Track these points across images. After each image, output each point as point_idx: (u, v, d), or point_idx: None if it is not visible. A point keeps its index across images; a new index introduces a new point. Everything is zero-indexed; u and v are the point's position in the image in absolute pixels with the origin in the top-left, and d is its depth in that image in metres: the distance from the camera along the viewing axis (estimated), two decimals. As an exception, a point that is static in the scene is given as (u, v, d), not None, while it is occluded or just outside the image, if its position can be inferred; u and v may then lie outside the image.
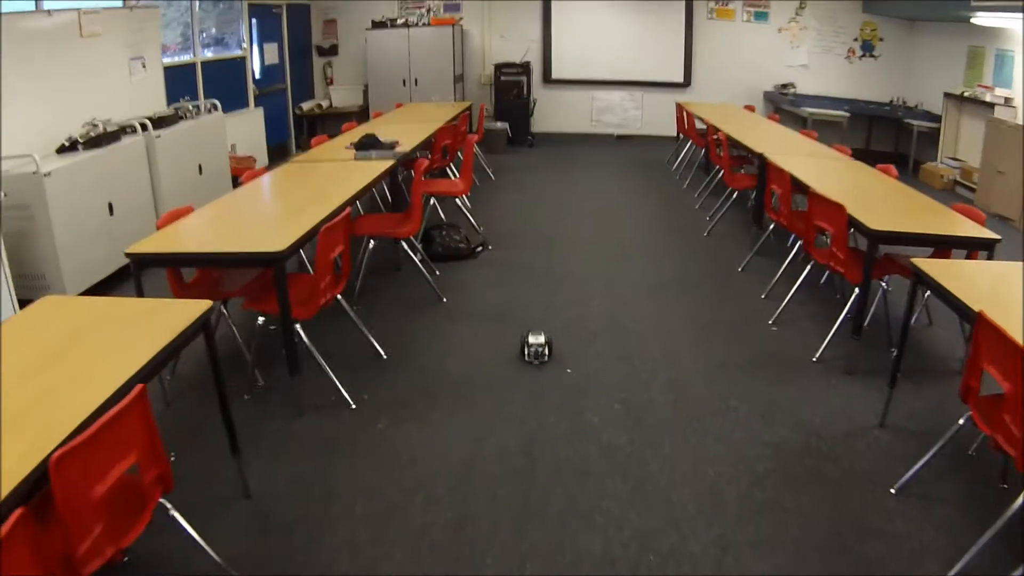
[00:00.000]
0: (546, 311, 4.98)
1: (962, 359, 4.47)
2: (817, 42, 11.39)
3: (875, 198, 4.76)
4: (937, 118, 9.63)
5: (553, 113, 12.10)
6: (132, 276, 3.61)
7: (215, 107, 7.78)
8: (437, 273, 5.81)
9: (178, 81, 8.02)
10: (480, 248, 6.32)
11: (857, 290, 4.31)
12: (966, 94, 8.93)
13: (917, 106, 10.41)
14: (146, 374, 2.36)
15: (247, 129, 9.45)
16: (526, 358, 4.41)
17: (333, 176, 5.17)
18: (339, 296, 4.16)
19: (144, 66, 7.19)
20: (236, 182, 5.89)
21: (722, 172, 7.18)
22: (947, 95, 9.30)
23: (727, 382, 4.20)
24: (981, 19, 8.06)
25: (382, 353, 4.47)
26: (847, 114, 10.23)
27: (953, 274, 3.35)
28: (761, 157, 6.12)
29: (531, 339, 4.42)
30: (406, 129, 7.13)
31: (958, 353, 4.55)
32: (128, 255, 3.61)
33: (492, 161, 9.85)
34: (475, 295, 5.41)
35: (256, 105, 10.02)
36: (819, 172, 5.41)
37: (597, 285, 5.59)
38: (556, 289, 5.52)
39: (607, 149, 11.48)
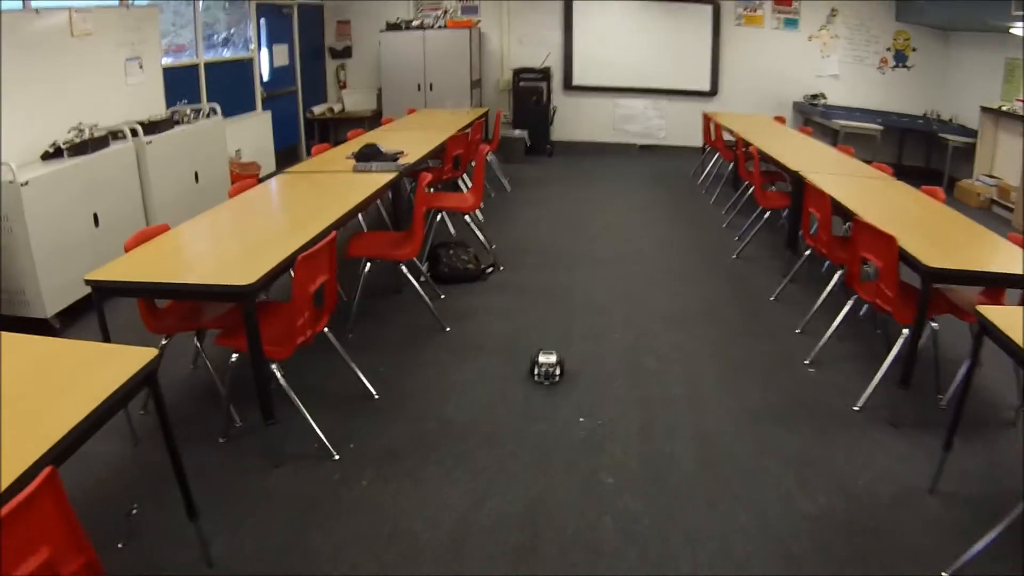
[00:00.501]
0: (560, 344, 4.50)
1: (1017, 408, 3.99)
2: (848, 51, 10.88)
3: (925, 226, 4.28)
4: (973, 133, 9.11)
5: (573, 121, 11.66)
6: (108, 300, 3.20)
7: (214, 111, 7.37)
8: (442, 297, 5.39)
9: (179, 84, 7.65)
10: (490, 269, 5.88)
11: (906, 332, 3.83)
12: (1004, 108, 8.41)
13: (951, 120, 9.87)
14: (59, 453, 1.92)
15: (254, 133, 9.11)
16: (536, 378, 4.16)
17: (327, 190, 4.77)
18: (325, 328, 3.71)
19: (141, 67, 6.81)
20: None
21: (752, 189, 6.70)
22: (984, 109, 8.75)
23: (758, 435, 3.74)
24: (1020, 29, 7.52)
25: (373, 393, 4.05)
26: (880, 127, 9.73)
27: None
28: (796, 175, 5.63)
29: (542, 358, 4.17)
30: (415, 137, 6.75)
31: (1011, 399, 4.07)
32: (88, 282, 3.21)
33: (509, 171, 9.41)
34: (481, 325, 4.96)
35: (264, 108, 9.64)
36: (861, 195, 4.93)
37: (616, 314, 5.13)
38: (571, 318, 5.07)
39: (629, 160, 11.02)
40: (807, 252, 5.25)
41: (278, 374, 3.43)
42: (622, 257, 6.38)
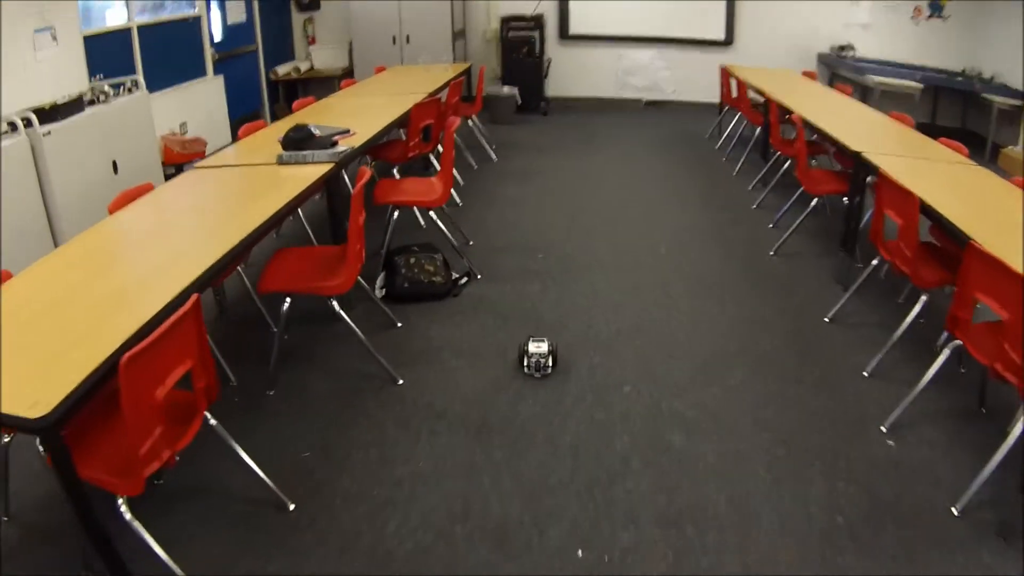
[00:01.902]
0: (553, 415, 3.29)
1: None
2: (880, -2, 9.45)
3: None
4: (1018, 94, 7.78)
5: (571, 75, 10.29)
6: None
7: (136, 85, 6.05)
8: (398, 326, 4.14)
9: (107, 54, 6.36)
10: (464, 280, 4.63)
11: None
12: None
13: (992, 78, 8.48)
14: None
15: (202, 103, 7.87)
16: (525, 370, 3.69)
17: (239, 194, 3.64)
18: (212, 421, 2.50)
19: (55, 38, 5.48)
20: (180, 169, 4.28)
21: (787, 163, 5.54)
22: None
23: (828, 559, 2.51)
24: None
25: (286, 503, 2.80)
26: (920, 86, 8.36)
27: None
28: (859, 159, 4.34)
29: (532, 346, 3.68)
30: (376, 106, 5.61)
31: None
32: None
33: (496, 135, 8.12)
34: (446, 373, 3.75)
35: (216, 72, 8.26)
36: (958, 196, 3.67)
37: (626, 356, 3.91)
38: (568, 368, 3.80)
39: (635, 119, 9.67)
40: (875, 263, 3.97)
41: (127, 515, 2.19)
42: (630, 258, 5.14)
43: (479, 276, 4.75)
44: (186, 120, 7.47)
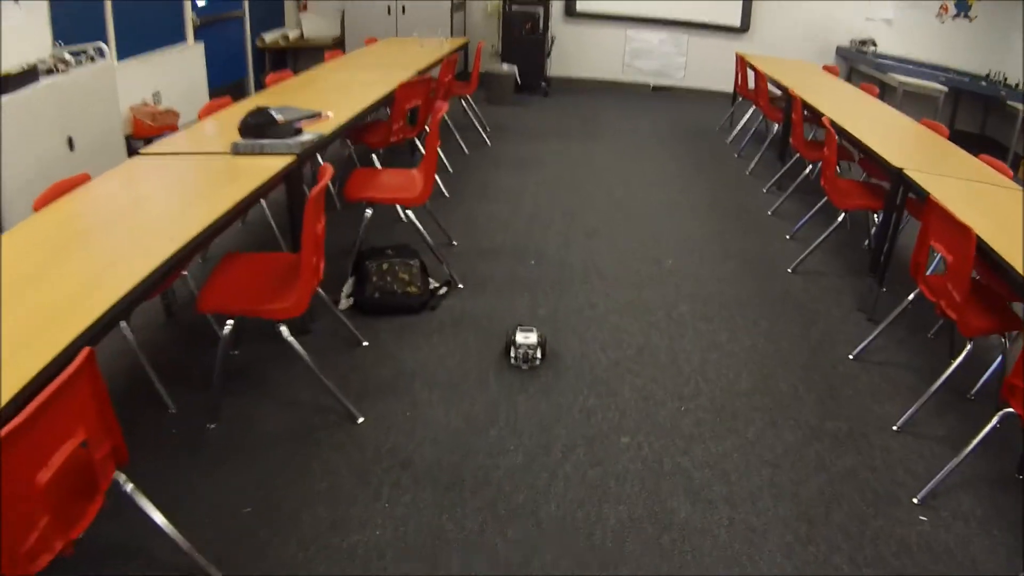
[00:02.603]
0: (538, 471, 2.83)
1: None
2: (905, -7, 8.91)
3: None
4: None
5: (575, 54, 9.74)
6: None
7: (100, 53, 5.48)
8: (364, 344, 3.62)
9: (78, 19, 5.80)
10: (443, 290, 4.10)
11: None
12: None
13: (1017, 85, 7.95)
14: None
15: (180, 71, 7.28)
16: (512, 361, 3.51)
17: (181, 191, 3.13)
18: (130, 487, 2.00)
19: (17, 2, 4.91)
20: (149, 143, 3.94)
21: (808, 166, 5.28)
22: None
23: None
24: None
25: None
26: (945, 88, 7.85)
27: None
28: (899, 175, 3.83)
29: (520, 337, 3.49)
30: (359, 83, 5.09)
31: None
32: None
33: (493, 116, 7.58)
34: (416, 409, 3.23)
35: (198, 39, 7.66)
36: (1010, 227, 3.15)
37: (625, 396, 3.44)
38: (559, 409, 3.32)
39: (641, 105, 9.11)
40: (911, 298, 3.48)
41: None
42: (633, 269, 4.64)
43: (461, 286, 4.24)
44: (160, 90, 6.90)
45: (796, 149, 5.54)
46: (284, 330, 2.94)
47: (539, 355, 3.47)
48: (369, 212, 4.06)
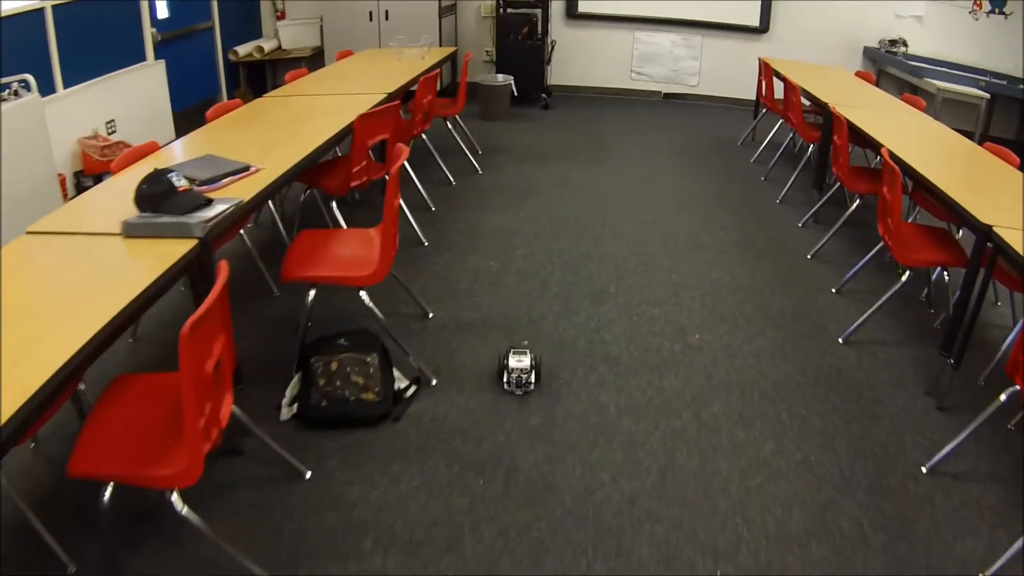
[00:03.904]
0: None
1: None
2: (936, -12, 7.98)
3: None
4: None
5: (578, 60, 8.85)
6: None
7: (26, 87, 4.66)
8: (307, 477, 2.73)
9: (16, 42, 5.02)
10: (410, 390, 3.20)
11: None
12: None
13: None
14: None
15: (139, 94, 6.47)
16: (506, 386, 3.25)
17: (48, 296, 2.20)
18: None
19: None
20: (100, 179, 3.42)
21: (855, 199, 4.14)
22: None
23: None
24: None
25: None
26: (986, 95, 6.98)
27: None
28: (990, 236, 2.93)
29: (512, 361, 3.24)
30: (323, 110, 4.27)
31: None
32: None
33: (485, 135, 6.70)
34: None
35: (159, 56, 6.80)
36: None
37: (644, 558, 2.53)
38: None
39: (652, 116, 8.20)
40: (1004, 399, 2.59)
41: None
42: (651, 349, 3.73)
43: (434, 381, 3.31)
44: (114, 118, 6.08)
45: (840, 180, 4.61)
46: (175, 500, 2.04)
47: (533, 378, 3.25)
48: (312, 293, 3.14)
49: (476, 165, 6.13)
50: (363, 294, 3.14)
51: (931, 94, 7.01)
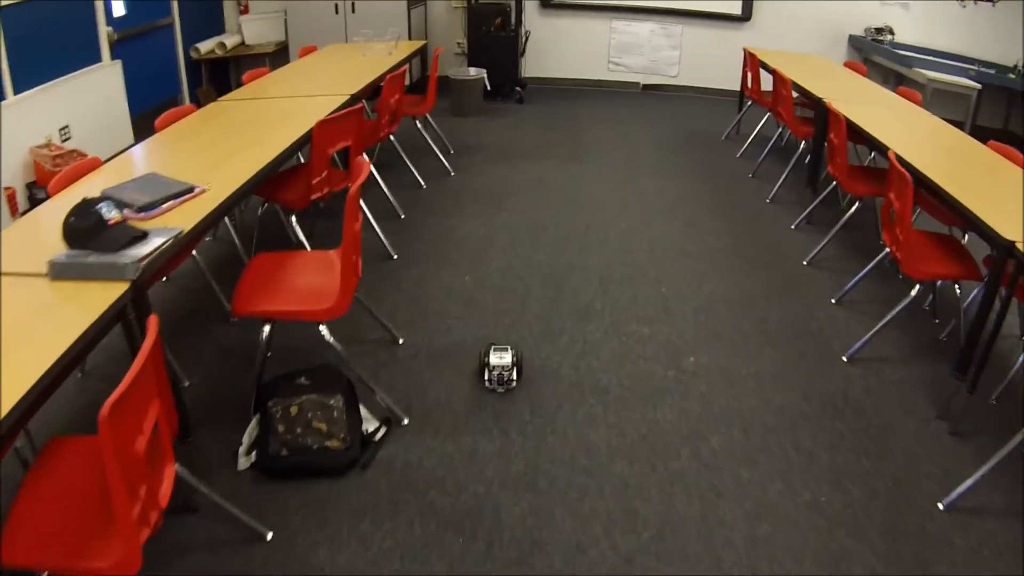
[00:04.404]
0: None
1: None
2: (922, -25, 7.71)
3: None
4: None
5: (553, 52, 8.53)
6: None
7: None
8: (268, 539, 2.43)
9: None
10: (380, 432, 2.89)
11: None
12: None
13: None
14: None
15: (96, 96, 6.07)
16: (487, 384, 3.17)
17: None
18: None
19: None
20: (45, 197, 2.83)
21: (853, 201, 3.89)
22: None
23: None
24: None
25: None
26: (978, 86, 6.77)
27: None
28: (1010, 251, 2.66)
29: (494, 358, 3.16)
30: (279, 113, 3.95)
31: None
32: None
33: (457, 133, 6.39)
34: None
35: (115, 56, 6.41)
36: None
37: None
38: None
39: (631, 108, 7.90)
40: None
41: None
42: (643, 376, 3.44)
43: (405, 420, 2.99)
44: (69, 123, 5.70)
45: (837, 181, 4.33)
46: None
47: (515, 375, 3.18)
48: (268, 329, 2.81)
49: (448, 166, 5.79)
50: (323, 329, 2.81)
51: (921, 84, 6.75)
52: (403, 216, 4.89)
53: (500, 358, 3.16)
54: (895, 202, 3.30)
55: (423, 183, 5.46)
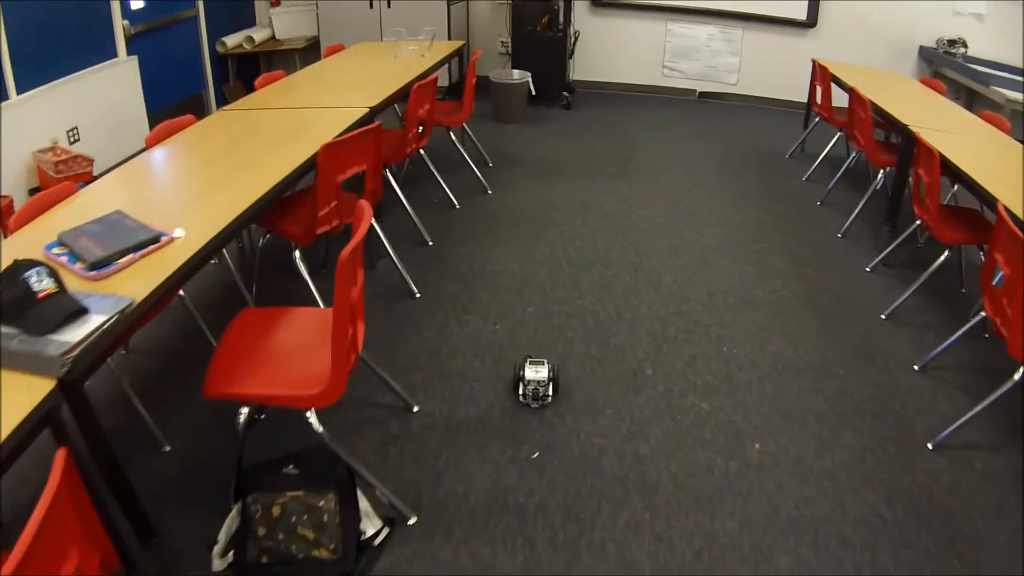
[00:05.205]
0: None
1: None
2: (999, -19, 6.98)
3: None
4: None
5: (604, 54, 7.98)
6: None
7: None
8: None
9: None
10: (381, 535, 2.38)
11: None
12: None
13: None
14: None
15: (109, 95, 5.69)
16: (521, 399, 3.03)
17: None
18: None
19: None
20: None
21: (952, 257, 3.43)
22: None
23: None
24: None
25: None
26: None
27: None
28: None
29: (529, 371, 3.04)
30: (288, 128, 3.46)
31: None
32: None
33: (498, 141, 5.91)
34: None
35: (132, 52, 6.05)
36: None
37: None
38: None
39: (686, 118, 7.32)
40: None
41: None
42: (701, 467, 2.94)
43: (412, 520, 2.46)
44: (78, 124, 5.33)
45: (928, 227, 3.71)
46: None
47: (550, 391, 3.06)
48: (245, 412, 2.29)
49: (484, 182, 5.26)
50: (312, 418, 2.28)
51: (998, 104, 6.06)
52: (431, 243, 4.38)
53: (536, 372, 3.08)
54: (1006, 270, 2.70)
55: (456, 202, 4.94)
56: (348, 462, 2.41)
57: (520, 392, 3.04)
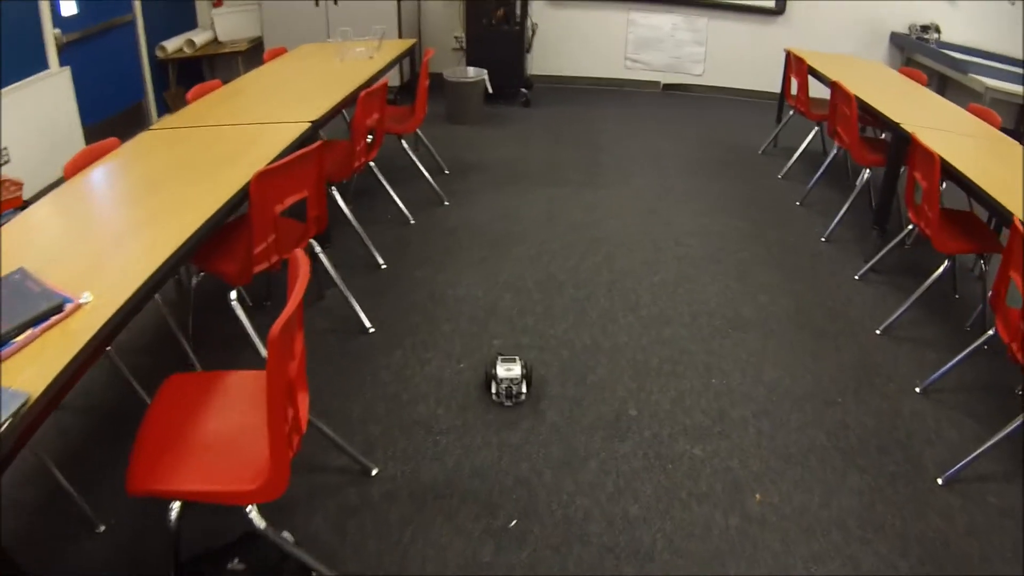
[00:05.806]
0: None
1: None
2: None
3: None
4: None
5: (563, 47, 7.65)
6: None
7: None
8: None
9: None
10: None
11: None
12: None
13: None
14: None
15: (39, 111, 5.23)
16: (495, 398, 2.93)
17: None
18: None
19: None
20: None
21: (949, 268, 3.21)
22: None
23: None
24: None
25: None
26: (1035, 92, 5.77)
27: None
28: None
29: (501, 369, 2.94)
30: (219, 157, 3.00)
31: None
32: None
33: (454, 146, 5.59)
34: None
35: (65, 62, 5.57)
36: None
37: None
38: None
39: (652, 112, 7.02)
40: None
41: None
42: (698, 525, 2.63)
43: None
44: (7, 144, 4.92)
45: (924, 234, 3.43)
46: None
47: (524, 388, 2.94)
48: (176, 509, 1.92)
49: (441, 193, 4.91)
50: (252, 513, 1.92)
51: (974, 91, 5.83)
52: (384, 266, 4.03)
53: (508, 370, 3.00)
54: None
55: (411, 217, 4.58)
56: (299, 556, 2.05)
57: (493, 392, 2.97)
